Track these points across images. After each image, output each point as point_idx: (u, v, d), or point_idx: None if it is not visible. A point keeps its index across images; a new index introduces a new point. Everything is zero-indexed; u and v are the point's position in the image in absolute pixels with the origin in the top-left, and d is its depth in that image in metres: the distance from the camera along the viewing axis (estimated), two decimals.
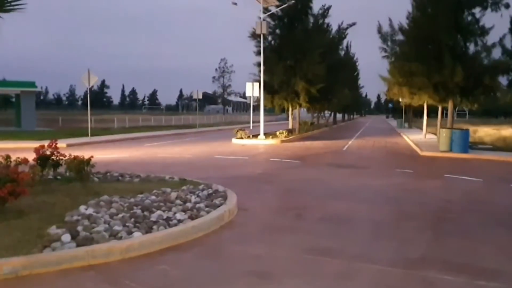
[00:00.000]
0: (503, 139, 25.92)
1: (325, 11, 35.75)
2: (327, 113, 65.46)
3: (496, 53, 23.97)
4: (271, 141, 27.81)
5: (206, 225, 7.28)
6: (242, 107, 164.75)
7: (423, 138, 31.19)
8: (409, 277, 5.47)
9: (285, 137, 29.97)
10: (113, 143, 26.10)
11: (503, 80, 24.03)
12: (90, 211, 7.39)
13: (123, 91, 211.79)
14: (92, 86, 27.47)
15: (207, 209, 8.00)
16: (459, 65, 22.36)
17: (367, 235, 7.30)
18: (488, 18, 23.48)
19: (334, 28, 41.41)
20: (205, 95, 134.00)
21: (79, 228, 6.44)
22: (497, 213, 9.18)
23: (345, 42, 48.77)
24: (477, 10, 23.59)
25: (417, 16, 24.89)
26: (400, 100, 36.17)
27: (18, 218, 6.93)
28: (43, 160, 10.29)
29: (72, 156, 9.97)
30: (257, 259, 5.99)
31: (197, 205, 8.18)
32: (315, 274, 5.50)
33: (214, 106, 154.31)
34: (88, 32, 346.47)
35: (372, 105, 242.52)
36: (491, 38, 23.92)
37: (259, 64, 30.81)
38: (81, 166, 9.64)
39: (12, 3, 7.85)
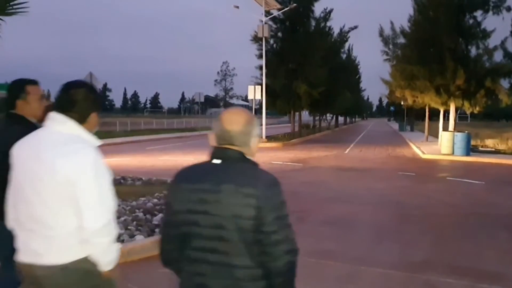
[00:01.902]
0: (506, 142, 25.85)
1: (327, 15, 35.73)
2: (329, 116, 65.53)
3: (498, 56, 24.00)
4: (273, 144, 27.82)
5: None
6: None
7: (425, 141, 31.16)
8: (412, 280, 5.47)
9: (287, 140, 29.96)
10: (115, 146, 26.11)
11: (504, 83, 24.04)
12: None
13: (125, 94, 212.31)
14: None
15: None
16: (461, 68, 22.35)
17: (370, 238, 7.30)
18: (490, 21, 23.50)
19: (336, 31, 41.42)
20: (207, 98, 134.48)
21: None
22: (500, 216, 9.16)
23: (346, 45, 48.71)
24: (478, 13, 23.60)
25: (418, 19, 24.90)
26: (402, 103, 36.18)
27: None
28: None
29: None
30: None
31: None
32: (317, 277, 5.50)
33: (216, 109, 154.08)
34: (90, 35, 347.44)
35: (374, 108, 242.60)
36: (493, 41, 23.89)
37: (261, 67, 30.83)
38: None
39: (14, 6, 7.87)
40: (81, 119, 2.46)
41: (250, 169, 2.11)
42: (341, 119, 76.04)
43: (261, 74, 30.47)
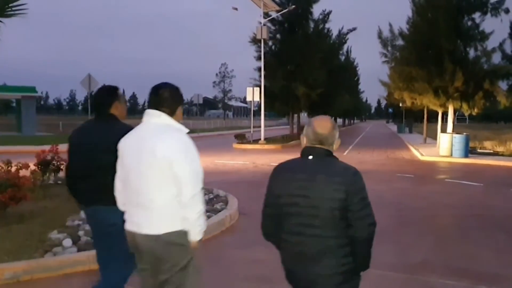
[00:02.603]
0: (504, 144, 25.85)
1: (326, 16, 35.79)
2: None
3: (496, 58, 24.04)
4: (271, 146, 27.81)
5: (207, 230, 7.23)
6: (243, 112, 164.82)
7: (423, 143, 31.18)
8: (411, 282, 5.47)
9: (286, 142, 29.95)
10: None
11: (503, 85, 24.09)
12: None
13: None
14: (93, 91, 27.44)
15: (208, 214, 8.00)
16: (459, 70, 22.37)
17: None
18: (488, 23, 23.57)
19: (335, 33, 41.47)
20: (205, 100, 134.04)
21: (80, 233, 6.44)
22: (498, 217, 9.17)
23: (345, 47, 48.75)
24: (477, 15, 23.64)
25: (417, 21, 24.91)
26: (401, 105, 36.20)
27: (19, 223, 6.93)
28: (44, 165, 10.30)
29: None
30: (258, 264, 5.99)
31: None
32: None
33: (214, 111, 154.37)
34: (89, 37, 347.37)
35: (373, 110, 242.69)
36: (491, 43, 24.01)
37: (259, 69, 30.86)
38: None
39: (13, 8, 7.86)
40: (171, 113, 3.18)
41: (336, 162, 2.74)
42: (339, 120, 76.10)
43: (260, 76, 30.49)
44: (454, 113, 25.26)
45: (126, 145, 3.19)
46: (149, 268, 3.19)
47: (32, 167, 10.01)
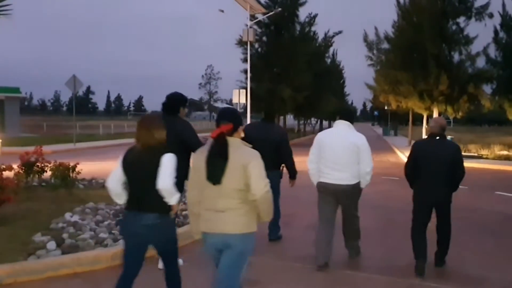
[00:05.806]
0: (488, 147, 26.06)
1: (312, 19, 35.89)
2: (313, 120, 65.67)
3: (480, 62, 24.31)
4: None
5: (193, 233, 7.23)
6: None
7: (408, 146, 31.35)
8: (396, 284, 5.49)
9: None
10: (99, 150, 25.90)
11: (487, 88, 24.36)
12: (75, 218, 7.31)
13: (108, 97, 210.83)
14: (77, 92, 27.21)
15: None
16: (444, 74, 22.59)
17: None
18: (473, 27, 23.79)
19: (321, 36, 41.57)
20: (191, 101, 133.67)
21: (65, 235, 6.37)
22: (483, 220, 9.26)
23: (331, 50, 48.90)
24: (461, 20, 23.94)
25: (402, 25, 25.13)
26: (386, 107, 36.41)
27: (2, 225, 6.83)
28: (28, 166, 10.13)
29: (58, 163, 9.86)
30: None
31: (184, 212, 8.13)
32: (303, 282, 5.49)
33: (200, 113, 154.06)
34: (74, 38, 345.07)
35: (358, 113, 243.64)
36: (475, 47, 24.21)
37: (246, 71, 30.78)
38: (66, 173, 9.53)
39: None
40: (351, 123, 5.93)
41: (448, 140, 5.82)
42: (325, 123, 76.24)
43: (246, 78, 30.44)
44: (439, 116, 25.47)
45: (329, 137, 5.91)
46: (335, 203, 6.09)
47: (16, 168, 9.88)
